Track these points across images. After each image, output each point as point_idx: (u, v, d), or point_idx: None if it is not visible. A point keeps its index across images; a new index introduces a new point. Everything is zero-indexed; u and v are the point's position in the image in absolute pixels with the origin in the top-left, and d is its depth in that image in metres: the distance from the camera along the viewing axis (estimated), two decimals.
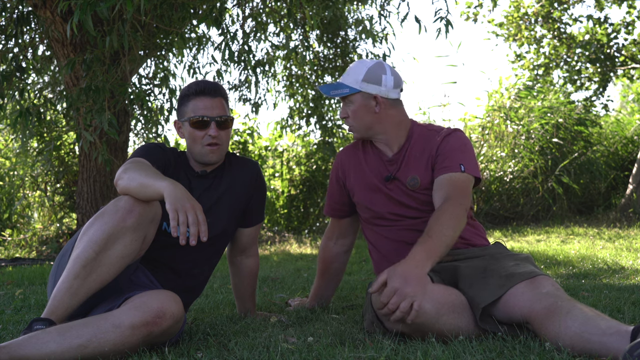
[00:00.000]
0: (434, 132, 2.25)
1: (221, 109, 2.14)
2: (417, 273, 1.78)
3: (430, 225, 1.95)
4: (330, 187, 2.47)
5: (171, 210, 1.70)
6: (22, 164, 7.97)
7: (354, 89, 2.22)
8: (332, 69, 7.38)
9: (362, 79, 2.21)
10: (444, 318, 1.79)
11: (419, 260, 1.82)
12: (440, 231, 1.91)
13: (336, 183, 2.43)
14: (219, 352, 1.79)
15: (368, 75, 2.21)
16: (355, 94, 2.23)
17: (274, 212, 8.26)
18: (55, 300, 1.73)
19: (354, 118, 2.25)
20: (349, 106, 2.26)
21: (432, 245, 1.87)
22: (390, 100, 2.24)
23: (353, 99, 2.24)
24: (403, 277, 1.76)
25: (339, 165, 2.41)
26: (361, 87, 2.21)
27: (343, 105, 2.28)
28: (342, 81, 2.26)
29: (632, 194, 7.70)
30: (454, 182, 2.09)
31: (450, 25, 4.34)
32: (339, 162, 2.42)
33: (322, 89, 2.32)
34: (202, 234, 1.72)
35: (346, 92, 2.23)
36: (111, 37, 4.19)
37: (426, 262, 1.82)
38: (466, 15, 11.61)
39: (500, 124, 8.14)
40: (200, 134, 2.12)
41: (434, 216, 1.98)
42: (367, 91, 2.21)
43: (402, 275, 1.76)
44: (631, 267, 3.57)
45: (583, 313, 1.61)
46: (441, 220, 1.95)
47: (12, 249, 6.96)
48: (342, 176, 2.39)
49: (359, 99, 2.23)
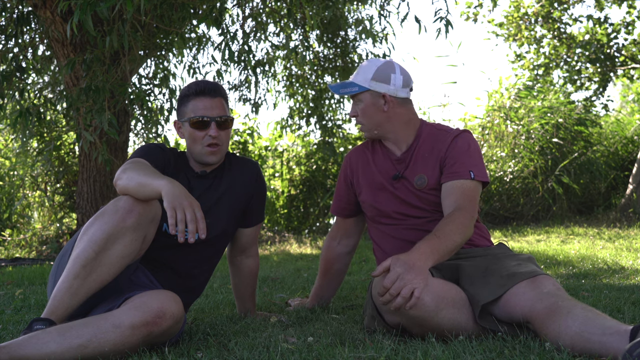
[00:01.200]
0: (443, 131, 2.26)
1: (221, 109, 2.14)
2: (420, 264, 1.79)
3: (439, 227, 1.97)
4: (339, 186, 2.48)
5: (169, 209, 1.70)
6: (22, 164, 7.97)
7: (363, 87, 2.23)
8: (332, 69, 7.38)
9: (371, 78, 2.22)
10: (444, 312, 1.79)
11: (423, 253, 1.83)
12: (448, 234, 1.93)
13: (344, 182, 2.44)
14: (219, 352, 1.79)
15: (377, 74, 2.22)
16: (364, 92, 2.24)
17: (274, 212, 8.26)
18: (55, 300, 1.73)
19: (363, 116, 2.26)
20: (358, 105, 2.27)
21: (438, 244, 1.89)
22: (399, 99, 2.24)
23: (362, 98, 2.25)
24: (407, 264, 1.77)
25: (348, 165, 2.43)
26: (370, 85, 2.22)
27: (353, 104, 2.29)
28: (353, 80, 2.27)
29: (632, 194, 7.70)
30: (464, 191, 2.10)
31: (450, 25, 4.34)
32: (348, 161, 2.44)
33: (333, 88, 2.33)
34: (200, 232, 1.72)
35: (355, 91, 2.24)
36: (111, 37, 4.19)
37: (430, 257, 1.83)
38: (466, 15, 11.61)
39: (500, 124, 8.14)
40: (200, 135, 2.12)
41: (443, 221, 2.00)
42: (375, 90, 2.22)
43: (407, 262, 1.77)
44: (631, 267, 3.57)
45: (583, 313, 1.61)
46: (450, 226, 1.97)
47: (12, 249, 6.96)
48: (350, 175, 2.41)
49: (368, 98, 2.24)
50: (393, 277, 1.75)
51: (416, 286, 1.74)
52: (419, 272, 1.76)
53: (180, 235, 1.71)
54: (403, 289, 1.73)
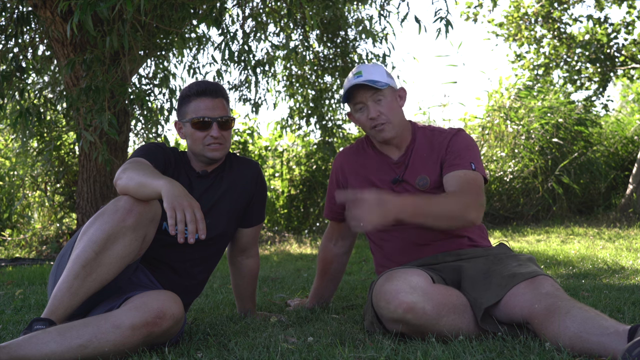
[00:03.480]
0: (438, 132, 2.25)
1: (222, 110, 2.14)
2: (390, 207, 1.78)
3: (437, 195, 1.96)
4: (330, 190, 2.44)
5: (169, 209, 1.70)
6: (22, 164, 7.97)
7: (386, 83, 2.17)
8: (332, 69, 7.38)
9: (386, 75, 2.20)
10: (445, 319, 1.79)
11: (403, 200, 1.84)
12: (439, 200, 1.93)
13: (336, 187, 2.40)
14: (219, 352, 1.79)
15: (385, 71, 2.20)
16: (387, 88, 2.18)
17: (274, 212, 8.26)
18: (55, 300, 1.73)
19: (390, 113, 2.17)
20: (381, 102, 2.16)
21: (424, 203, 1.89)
22: None
23: (386, 94, 2.18)
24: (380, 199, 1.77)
25: (339, 169, 2.38)
26: (388, 81, 2.18)
27: (371, 105, 2.16)
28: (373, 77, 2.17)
29: (632, 194, 7.70)
30: (467, 179, 2.08)
31: (450, 25, 4.33)
32: (338, 166, 2.39)
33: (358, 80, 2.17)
34: (200, 232, 1.71)
35: (383, 85, 2.16)
36: (111, 37, 4.19)
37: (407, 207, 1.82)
38: (466, 15, 11.61)
39: (500, 124, 8.14)
40: (201, 135, 2.12)
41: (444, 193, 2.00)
42: (393, 86, 2.20)
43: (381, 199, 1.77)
44: (631, 267, 3.57)
45: (582, 313, 1.61)
46: (448, 197, 1.96)
47: (12, 249, 6.96)
48: (343, 181, 2.37)
49: (390, 94, 2.19)
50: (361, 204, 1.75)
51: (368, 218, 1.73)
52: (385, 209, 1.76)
53: (180, 235, 1.70)
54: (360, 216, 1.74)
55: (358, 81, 2.15)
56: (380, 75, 2.18)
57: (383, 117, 2.16)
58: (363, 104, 2.18)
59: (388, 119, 2.16)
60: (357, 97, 2.17)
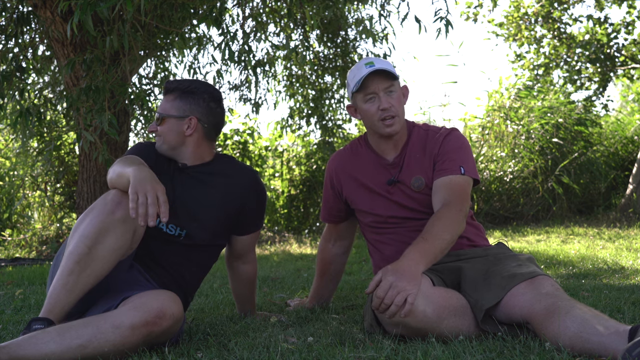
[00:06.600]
0: (432, 131, 2.23)
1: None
2: (411, 270, 1.77)
3: (426, 228, 1.93)
4: (325, 194, 2.42)
5: (131, 192, 1.72)
6: (22, 164, 7.97)
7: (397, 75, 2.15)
8: (332, 69, 7.38)
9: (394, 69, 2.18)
10: (445, 322, 1.78)
11: (412, 259, 1.81)
12: (436, 234, 1.90)
13: (331, 190, 2.38)
14: (219, 352, 1.79)
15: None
16: (397, 81, 2.16)
17: (274, 212, 8.26)
18: (51, 298, 1.73)
19: (399, 106, 2.15)
20: (392, 94, 2.13)
21: (426, 247, 1.87)
22: None
23: (397, 86, 2.16)
24: (398, 272, 1.76)
25: (333, 173, 2.36)
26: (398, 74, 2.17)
27: (383, 96, 2.12)
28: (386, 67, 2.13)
29: (632, 194, 7.69)
30: (452, 186, 2.07)
31: (450, 25, 4.33)
32: (332, 169, 2.36)
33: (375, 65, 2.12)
34: (162, 215, 1.72)
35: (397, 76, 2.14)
36: (111, 37, 4.19)
37: (420, 261, 1.82)
38: (466, 15, 11.60)
39: (500, 124, 8.14)
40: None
41: (431, 220, 1.97)
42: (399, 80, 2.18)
43: (397, 271, 1.76)
44: (631, 267, 3.57)
45: (582, 313, 1.61)
46: (438, 224, 1.94)
47: (12, 249, 6.96)
48: (337, 184, 2.34)
49: (399, 88, 2.18)
50: (385, 286, 1.74)
51: (409, 292, 1.72)
52: (411, 279, 1.75)
53: (141, 218, 1.71)
54: (396, 297, 1.72)
55: (373, 69, 2.10)
56: (391, 67, 2.16)
57: (393, 110, 2.13)
58: (375, 94, 2.13)
59: (397, 113, 2.14)
60: (370, 86, 2.12)
